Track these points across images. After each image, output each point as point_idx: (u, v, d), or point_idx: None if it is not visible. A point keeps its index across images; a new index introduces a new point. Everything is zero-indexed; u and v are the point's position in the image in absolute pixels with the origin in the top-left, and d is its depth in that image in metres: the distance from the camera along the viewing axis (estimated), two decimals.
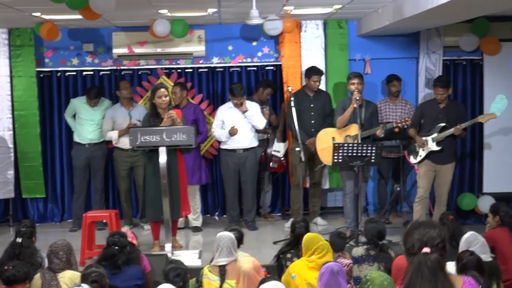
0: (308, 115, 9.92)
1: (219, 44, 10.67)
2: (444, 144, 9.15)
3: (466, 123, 9.12)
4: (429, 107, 9.36)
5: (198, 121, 9.81)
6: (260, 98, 10.34)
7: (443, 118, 9.18)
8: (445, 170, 9.26)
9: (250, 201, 10.00)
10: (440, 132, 9.13)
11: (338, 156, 8.68)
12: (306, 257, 6.30)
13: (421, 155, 9.26)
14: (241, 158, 9.80)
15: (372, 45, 10.76)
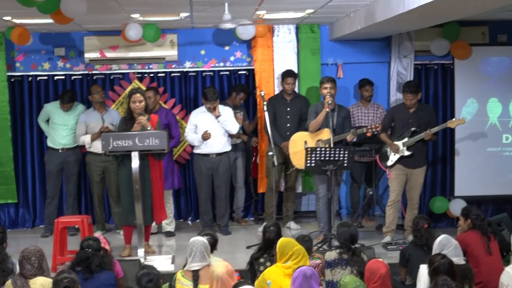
0: (284, 119, 9.95)
1: (191, 49, 10.66)
2: (414, 149, 9.22)
3: (436, 128, 9.20)
4: (399, 112, 9.42)
5: (170, 125, 9.79)
6: (233, 103, 10.34)
7: (414, 122, 9.25)
8: (416, 174, 9.32)
9: (223, 206, 9.98)
10: (410, 136, 9.19)
11: (311, 160, 8.71)
12: (281, 263, 6.29)
13: (392, 160, 9.32)
14: (214, 162, 9.78)
15: (344, 49, 10.80)
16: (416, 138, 9.17)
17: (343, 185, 10.85)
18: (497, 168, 10.38)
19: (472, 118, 10.30)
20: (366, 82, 10.38)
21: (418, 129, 9.20)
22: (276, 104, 9.99)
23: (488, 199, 10.54)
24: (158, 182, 8.64)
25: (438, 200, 10.55)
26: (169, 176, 9.87)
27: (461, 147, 10.34)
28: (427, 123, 9.23)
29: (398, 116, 9.39)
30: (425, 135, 9.13)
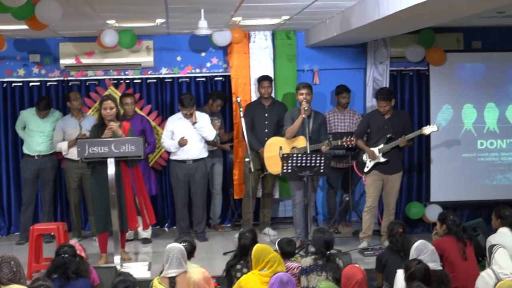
0: (262, 125, 9.99)
1: (167, 55, 10.65)
2: (390, 155, 9.28)
3: (410, 135, 9.25)
4: (374, 118, 9.47)
5: (145, 132, 9.79)
6: (210, 110, 10.35)
7: (389, 128, 9.30)
8: (392, 180, 9.37)
9: (200, 212, 9.96)
10: (386, 143, 9.25)
11: (288, 167, 8.72)
12: (258, 271, 6.28)
13: (368, 166, 9.37)
14: (191, 169, 9.76)
15: (320, 55, 10.85)
16: (391, 145, 9.22)
17: (320, 191, 10.91)
18: (472, 174, 10.45)
19: (447, 124, 10.37)
20: (343, 89, 10.41)
21: (393, 135, 9.25)
22: (254, 110, 10.03)
23: (464, 204, 10.60)
24: (130, 190, 8.58)
25: (414, 205, 10.59)
26: (145, 182, 9.83)
27: (437, 153, 10.39)
28: (402, 129, 9.29)
29: (373, 123, 9.44)
30: (400, 141, 9.19)
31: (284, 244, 7.14)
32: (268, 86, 10.03)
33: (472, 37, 10.67)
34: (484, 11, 6.93)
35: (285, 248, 7.11)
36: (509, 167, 10.49)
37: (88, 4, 7.31)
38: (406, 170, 10.63)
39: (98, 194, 8.49)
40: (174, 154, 9.78)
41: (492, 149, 10.46)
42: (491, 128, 10.42)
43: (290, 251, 7.13)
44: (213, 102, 10.37)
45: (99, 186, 8.47)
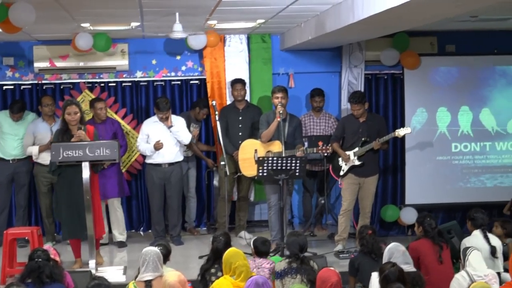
0: (236, 128, 10.01)
1: (142, 58, 10.65)
2: (365, 158, 9.33)
3: (385, 138, 9.29)
4: (349, 122, 9.53)
5: (117, 134, 9.81)
6: (196, 117, 10.41)
7: (364, 132, 9.36)
8: (368, 183, 9.43)
9: (175, 216, 9.95)
10: (361, 146, 9.30)
11: (263, 170, 8.74)
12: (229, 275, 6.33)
13: (344, 169, 9.43)
14: (166, 172, 9.76)
15: (295, 59, 10.89)
16: (366, 148, 9.28)
17: (296, 194, 10.93)
18: (447, 177, 10.53)
19: (422, 127, 10.44)
20: (316, 93, 10.43)
21: (368, 138, 9.30)
22: (228, 114, 10.05)
23: (438, 207, 10.66)
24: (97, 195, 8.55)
25: (389, 208, 10.64)
26: (118, 184, 9.88)
27: (411, 156, 10.46)
28: (377, 132, 9.35)
29: (348, 126, 9.50)
30: (374, 144, 9.24)
31: (259, 243, 7.17)
32: (241, 89, 10.06)
33: (446, 40, 10.74)
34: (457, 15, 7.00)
35: (259, 247, 7.15)
36: (483, 170, 10.59)
37: (63, 7, 7.29)
38: (382, 173, 10.69)
39: (67, 199, 8.45)
40: (149, 157, 9.77)
41: (466, 152, 10.54)
42: (465, 131, 10.51)
43: (265, 251, 7.16)
44: (200, 110, 10.41)
45: (67, 191, 8.43)
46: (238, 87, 10.06)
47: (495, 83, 10.50)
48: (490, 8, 6.87)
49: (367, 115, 9.45)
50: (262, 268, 6.96)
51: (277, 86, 9.55)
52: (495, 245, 7.37)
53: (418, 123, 10.43)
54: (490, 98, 10.50)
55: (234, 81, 10.14)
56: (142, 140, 9.77)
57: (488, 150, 10.57)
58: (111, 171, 9.75)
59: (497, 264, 7.28)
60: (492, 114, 10.52)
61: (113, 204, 9.96)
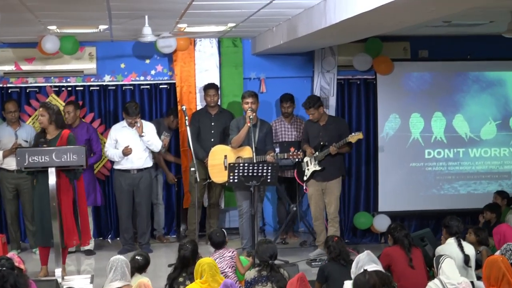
0: (208, 134, 10.01)
1: (111, 62, 10.63)
2: (325, 163, 9.39)
3: (339, 143, 9.30)
4: (311, 126, 9.64)
5: (91, 140, 9.77)
6: (169, 125, 10.43)
7: (324, 135, 9.44)
8: (330, 187, 9.48)
9: (144, 223, 9.93)
10: (320, 151, 9.37)
11: (234, 176, 8.75)
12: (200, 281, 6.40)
13: (307, 174, 9.51)
14: (135, 178, 9.75)
15: (267, 63, 10.93)
16: (324, 153, 9.34)
17: (270, 202, 10.98)
18: (420, 183, 10.61)
19: (395, 133, 10.51)
20: (285, 98, 10.45)
21: (326, 142, 9.36)
22: (200, 119, 10.06)
23: (411, 214, 10.75)
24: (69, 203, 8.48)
25: (361, 215, 10.70)
26: (91, 192, 9.83)
27: (384, 162, 10.51)
28: (338, 136, 9.38)
29: (310, 131, 9.63)
30: (331, 149, 9.29)
31: (213, 235, 7.64)
32: (214, 95, 10.06)
33: (419, 46, 10.82)
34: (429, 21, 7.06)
35: (214, 238, 7.62)
36: (456, 176, 10.68)
37: (29, 9, 7.24)
38: (354, 179, 10.80)
39: (37, 206, 8.44)
40: (117, 163, 9.76)
41: (440, 159, 10.63)
42: (438, 138, 10.60)
43: (220, 241, 7.55)
44: (174, 119, 10.43)
45: (38, 197, 8.40)
46: (211, 92, 10.05)
47: (469, 89, 10.59)
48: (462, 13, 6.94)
49: (327, 118, 9.52)
50: (224, 258, 7.20)
51: (247, 91, 9.60)
52: (468, 254, 7.42)
53: (391, 129, 10.50)
54: (463, 104, 10.59)
55: (207, 87, 10.12)
56: (110, 146, 9.75)
57: (461, 156, 10.66)
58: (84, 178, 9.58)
59: (470, 273, 7.33)
60: (465, 120, 10.62)
61: None
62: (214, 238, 7.74)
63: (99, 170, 10.56)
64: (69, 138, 8.51)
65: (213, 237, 7.76)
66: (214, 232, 7.87)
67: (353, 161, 10.79)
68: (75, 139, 8.66)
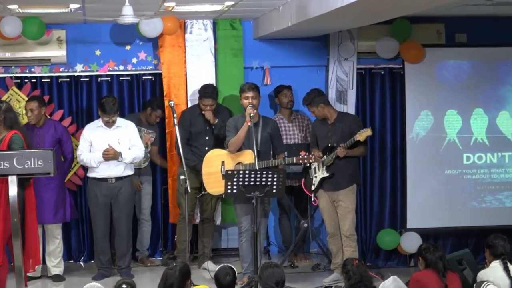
0: (202, 135, 10.02)
1: (84, 48, 10.63)
2: (335, 168, 9.37)
3: (347, 142, 9.28)
4: (319, 126, 9.67)
5: (62, 142, 9.76)
6: (147, 120, 10.43)
7: (333, 136, 9.45)
8: (343, 197, 9.45)
9: (124, 243, 9.92)
10: (329, 153, 9.37)
11: (232, 186, 8.70)
12: None
13: (315, 183, 9.52)
14: (113, 189, 9.74)
15: (272, 50, 10.94)
16: (332, 156, 9.34)
17: (271, 215, 10.87)
18: (457, 195, 10.60)
19: (427, 134, 10.51)
20: (283, 87, 10.56)
21: (335, 143, 9.37)
22: (192, 118, 10.02)
23: (447, 231, 10.75)
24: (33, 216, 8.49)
25: (387, 233, 10.71)
26: (60, 207, 9.81)
27: (414, 169, 10.50)
28: (349, 135, 9.38)
29: (318, 131, 9.66)
30: (338, 151, 9.28)
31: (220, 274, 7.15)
32: (210, 104, 9.94)
33: (456, 28, 10.82)
34: None
35: (221, 279, 7.13)
36: (501, 186, 10.67)
37: None
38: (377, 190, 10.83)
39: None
40: (92, 170, 9.75)
41: (481, 165, 10.62)
42: (479, 139, 10.59)
43: (228, 283, 7.13)
44: (152, 112, 10.43)
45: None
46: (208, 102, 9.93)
47: None
48: None
49: (336, 116, 9.54)
50: None
51: (247, 84, 9.55)
52: None
53: (422, 129, 10.50)
54: (510, 99, 10.60)
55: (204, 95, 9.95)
56: (84, 149, 9.73)
57: (507, 162, 10.65)
58: (49, 188, 9.68)
59: None
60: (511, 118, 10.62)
61: (51, 231, 9.90)
62: (221, 278, 7.20)
63: (69, 179, 10.54)
64: (12, 139, 8.38)
65: (221, 277, 7.21)
66: (222, 270, 7.28)
67: (376, 167, 10.78)
68: (22, 139, 8.49)
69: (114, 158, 9.60)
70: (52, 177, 8.69)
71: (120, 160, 9.62)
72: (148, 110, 10.44)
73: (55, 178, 9.17)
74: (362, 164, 10.56)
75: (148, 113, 10.44)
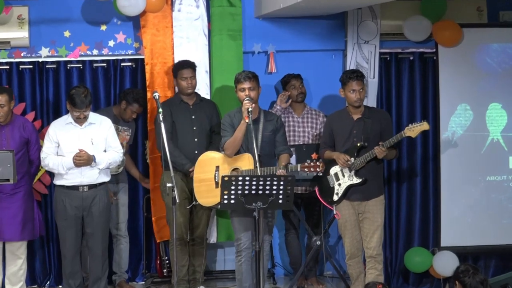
0: (189, 132, 9.96)
1: (50, 29, 10.60)
2: (366, 173, 9.26)
3: (390, 140, 9.13)
4: (338, 120, 9.51)
5: (29, 143, 9.74)
6: (121, 116, 10.48)
7: (358, 134, 9.30)
8: (372, 209, 9.36)
9: (98, 264, 9.82)
10: (357, 155, 9.23)
11: (229, 196, 8.58)
12: None
13: (338, 192, 9.37)
14: (86, 199, 9.65)
15: (278, 31, 10.94)
16: (366, 157, 9.20)
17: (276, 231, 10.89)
18: (501, 206, 10.64)
19: (465, 133, 10.54)
20: (291, 77, 10.56)
21: (365, 143, 9.24)
22: (174, 112, 9.98)
23: (489, 250, 10.75)
24: None
25: (416, 253, 10.74)
26: (28, 221, 9.79)
27: (450, 175, 10.50)
28: (378, 134, 9.29)
29: (337, 127, 9.48)
30: (377, 151, 9.12)
31: None
32: (190, 77, 9.99)
33: (500, 5, 10.89)
34: None
35: None
36: None
37: None
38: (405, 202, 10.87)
39: None
40: (60, 177, 9.65)
41: None
42: None
43: None
44: (127, 106, 10.41)
45: None
46: (186, 74, 9.98)
47: None
48: None
49: (363, 110, 9.40)
50: None
51: (243, 73, 9.43)
52: None
53: (460, 127, 10.54)
54: None
55: (180, 66, 10.06)
56: (50, 151, 9.64)
57: None
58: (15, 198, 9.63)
59: None
60: None
61: (13, 250, 9.88)
62: None
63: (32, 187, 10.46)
64: None
65: None
66: None
67: (403, 173, 10.81)
68: None
69: (87, 164, 9.48)
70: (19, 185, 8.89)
71: (93, 166, 9.51)
72: (123, 104, 10.42)
73: (22, 187, 9.28)
74: (386, 170, 10.56)
75: (122, 108, 10.41)
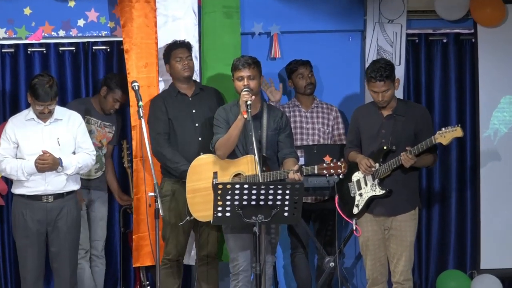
0: (190, 131, 9.89)
1: (6, 5, 10.64)
2: (392, 183, 9.08)
3: (419, 146, 8.89)
4: (366, 117, 9.35)
5: None
6: (102, 106, 10.62)
7: (387, 134, 9.14)
8: (400, 226, 9.21)
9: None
10: (383, 161, 9.09)
11: (224, 207, 8.41)
12: None
13: (359, 204, 9.21)
14: (50, 211, 9.53)
15: (283, 8, 11.00)
16: (391, 164, 9.03)
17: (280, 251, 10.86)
18: None
19: (510, 131, 10.61)
20: (298, 63, 10.56)
21: (394, 146, 9.06)
22: (170, 107, 9.89)
23: None
24: None
25: (451, 276, 10.89)
26: None
27: (491, 182, 10.70)
28: (412, 136, 9.12)
29: (364, 124, 9.35)
30: (403, 158, 8.92)
31: None
32: (186, 57, 9.89)
33: None
34: None
35: None
36: None
37: None
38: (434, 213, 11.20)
39: None
40: (20, 184, 9.53)
41: None
42: None
43: None
44: (108, 93, 10.41)
45: None
46: (181, 53, 9.93)
47: None
48: None
49: (396, 105, 9.21)
50: None
51: (241, 58, 9.32)
52: None
53: (504, 124, 10.63)
54: None
55: (173, 47, 10.01)
56: (7, 153, 9.53)
57: None
58: None
59: None
60: None
61: None
62: None
63: None
64: None
65: None
66: None
67: (435, 182, 10.83)
68: None
69: (52, 169, 9.29)
70: None
71: (59, 171, 9.33)
72: (103, 90, 10.39)
73: None
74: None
75: (102, 95, 10.39)
